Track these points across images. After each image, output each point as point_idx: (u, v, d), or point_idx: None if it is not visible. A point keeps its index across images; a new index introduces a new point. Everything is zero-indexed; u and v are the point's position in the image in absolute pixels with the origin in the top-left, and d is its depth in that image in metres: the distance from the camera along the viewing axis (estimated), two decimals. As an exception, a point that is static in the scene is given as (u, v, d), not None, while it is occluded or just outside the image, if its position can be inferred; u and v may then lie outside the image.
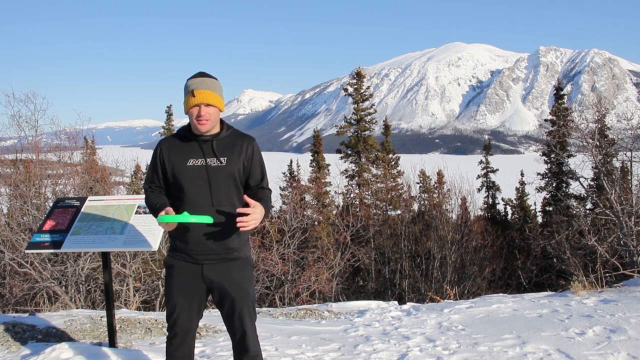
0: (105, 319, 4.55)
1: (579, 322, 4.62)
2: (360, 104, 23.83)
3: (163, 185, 2.61)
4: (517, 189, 26.82)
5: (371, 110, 24.16)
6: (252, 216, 2.39)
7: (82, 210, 3.78)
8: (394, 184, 22.48)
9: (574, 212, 17.33)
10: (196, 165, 2.49)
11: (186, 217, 2.34)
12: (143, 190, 2.65)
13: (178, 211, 2.50)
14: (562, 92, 23.82)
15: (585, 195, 18.54)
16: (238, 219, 2.39)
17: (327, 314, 6.11)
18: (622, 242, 10.59)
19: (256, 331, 2.65)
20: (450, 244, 16.11)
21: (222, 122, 2.60)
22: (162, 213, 2.42)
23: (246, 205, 2.48)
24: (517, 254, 19.41)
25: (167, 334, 2.66)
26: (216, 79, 2.52)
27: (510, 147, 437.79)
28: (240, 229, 2.39)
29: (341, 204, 21.38)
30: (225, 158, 2.51)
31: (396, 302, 6.85)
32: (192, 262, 2.53)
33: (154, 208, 2.55)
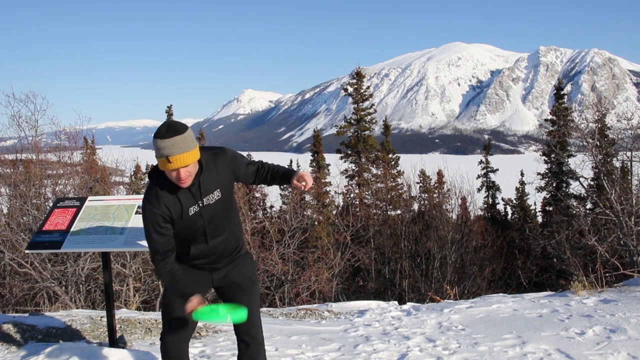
0: (105, 319, 4.55)
1: (579, 322, 4.62)
2: (360, 104, 23.86)
3: (174, 243, 2.45)
4: (517, 188, 26.86)
5: (371, 110, 24.18)
6: (308, 177, 2.62)
7: (82, 210, 3.78)
8: (394, 184, 22.50)
9: (574, 212, 17.35)
10: (195, 212, 2.41)
11: (223, 317, 2.30)
12: (155, 263, 2.43)
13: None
14: (562, 92, 23.84)
15: (585, 195, 18.56)
16: (302, 184, 2.62)
17: (327, 314, 6.11)
18: (622, 242, 10.58)
19: (261, 321, 2.71)
20: (450, 244, 16.10)
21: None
22: (195, 303, 2.34)
23: (236, 221, 2.64)
24: (517, 254, 19.38)
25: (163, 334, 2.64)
26: (185, 129, 2.24)
27: (510, 147, 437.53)
28: (306, 188, 2.62)
29: (341, 204, 21.39)
30: (218, 190, 2.46)
31: (396, 302, 6.83)
32: (200, 270, 2.60)
33: (180, 288, 2.40)
